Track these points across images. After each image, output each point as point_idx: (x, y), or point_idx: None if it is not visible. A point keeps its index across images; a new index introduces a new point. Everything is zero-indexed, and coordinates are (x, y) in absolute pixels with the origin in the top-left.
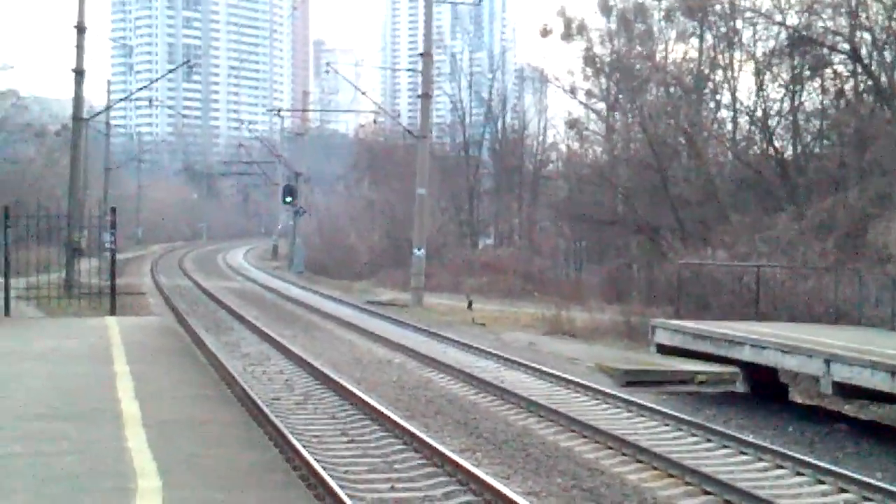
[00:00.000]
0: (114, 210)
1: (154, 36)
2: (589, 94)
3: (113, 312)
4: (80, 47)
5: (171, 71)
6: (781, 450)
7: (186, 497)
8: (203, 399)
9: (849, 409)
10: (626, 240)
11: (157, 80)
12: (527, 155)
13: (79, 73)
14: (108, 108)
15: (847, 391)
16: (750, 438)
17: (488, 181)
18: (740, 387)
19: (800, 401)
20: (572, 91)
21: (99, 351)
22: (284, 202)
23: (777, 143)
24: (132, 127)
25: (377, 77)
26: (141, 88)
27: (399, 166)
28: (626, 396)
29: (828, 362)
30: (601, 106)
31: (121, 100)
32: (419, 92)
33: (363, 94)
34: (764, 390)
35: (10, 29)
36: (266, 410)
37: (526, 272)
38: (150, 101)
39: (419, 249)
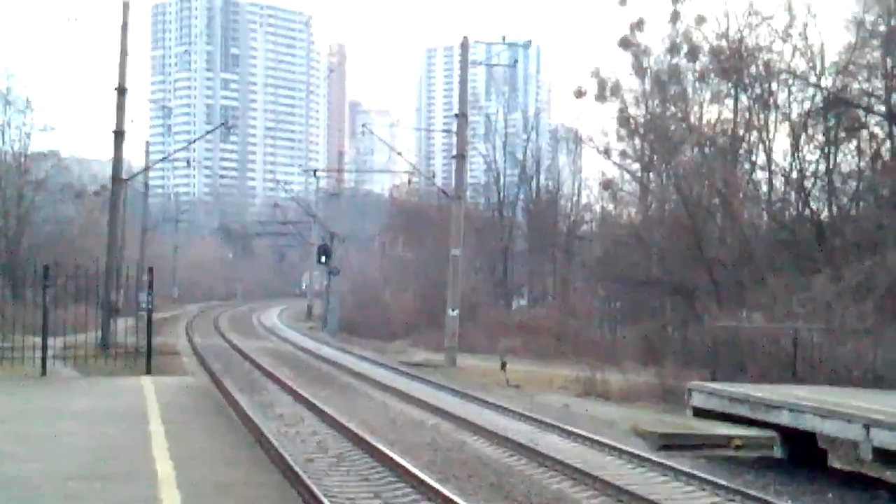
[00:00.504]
0: (151, 270)
1: (193, 97)
2: (623, 154)
3: (149, 372)
4: (120, 109)
5: (209, 132)
6: None
7: None
8: (238, 460)
9: (889, 475)
10: (660, 301)
11: (195, 140)
12: (561, 215)
13: (119, 135)
14: (146, 168)
15: (888, 457)
16: None
17: (522, 241)
18: (778, 451)
19: (839, 466)
20: (606, 152)
21: (134, 411)
22: (319, 262)
23: (813, 205)
24: (170, 187)
25: (412, 138)
26: (179, 149)
27: (433, 226)
28: (662, 460)
29: (867, 427)
30: (635, 167)
31: (159, 160)
32: (454, 153)
33: (398, 154)
34: (802, 455)
35: (51, 91)
36: (300, 472)
37: (560, 333)
38: (188, 161)
39: (453, 310)
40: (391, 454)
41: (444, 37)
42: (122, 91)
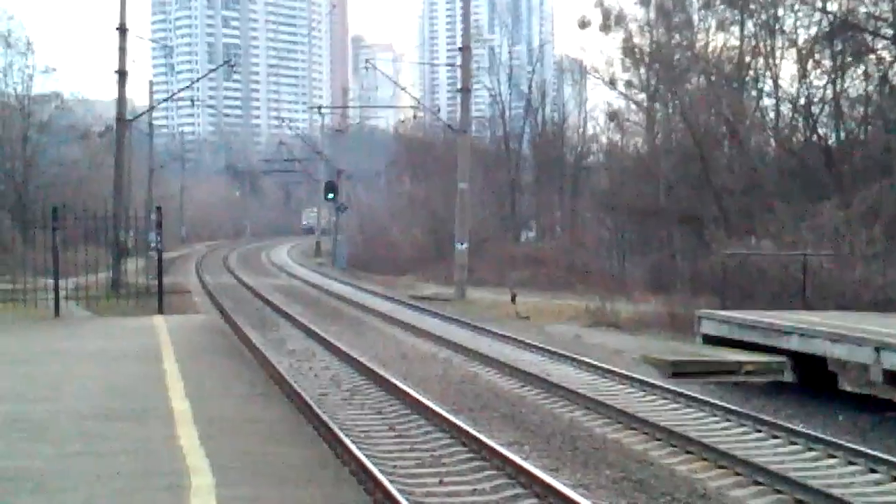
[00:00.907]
0: (159, 209)
1: (194, 36)
2: (629, 84)
3: (160, 311)
4: (122, 49)
5: (211, 71)
6: (832, 439)
7: (241, 494)
8: (252, 396)
9: None
10: (669, 230)
11: (198, 80)
12: (567, 147)
13: (122, 75)
14: (150, 108)
15: None
16: (800, 428)
17: (529, 174)
18: (788, 376)
19: (849, 390)
20: (612, 82)
21: (148, 350)
22: (326, 199)
23: (821, 131)
24: (174, 127)
25: (416, 72)
26: (182, 89)
27: (439, 161)
28: (673, 387)
29: (878, 350)
30: (641, 97)
31: (163, 100)
32: (458, 86)
33: (403, 89)
34: (812, 380)
35: (52, 32)
36: (314, 407)
37: (569, 264)
38: (192, 100)
39: (462, 244)
40: (403, 387)
41: None
42: (123, 30)
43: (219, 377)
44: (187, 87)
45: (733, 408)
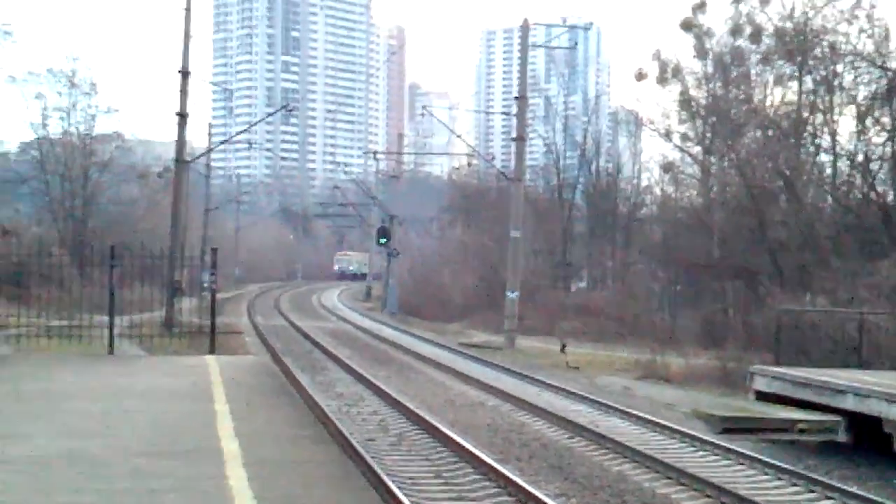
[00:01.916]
0: (214, 251)
1: (254, 80)
2: (684, 137)
3: (212, 351)
4: (183, 91)
5: (270, 115)
6: (886, 502)
7: None
8: (300, 439)
9: None
10: (722, 284)
11: (256, 123)
12: (621, 198)
13: (182, 117)
14: (209, 150)
15: None
16: (854, 490)
17: (582, 224)
18: (842, 436)
19: None
20: (667, 134)
21: (199, 389)
22: (379, 244)
23: (879, 188)
24: (231, 169)
25: (471, 120)
26: (241, 132)
27: (492, 209)
28: (724, 444)
29: None
30: (697, 150)
31: (221, 142)
32: (513, 135)
33: (458, 136)
34: (867, 441)
35: (116, 73)
36: (361, 451)
37: (619, 316)
38: (250, 143)
39: (513, 292)
40: (451, 434)
41: (504, 19)
42: (185, 74)
43: (268, 418)
44: (245, 129)
45: (785, 466)
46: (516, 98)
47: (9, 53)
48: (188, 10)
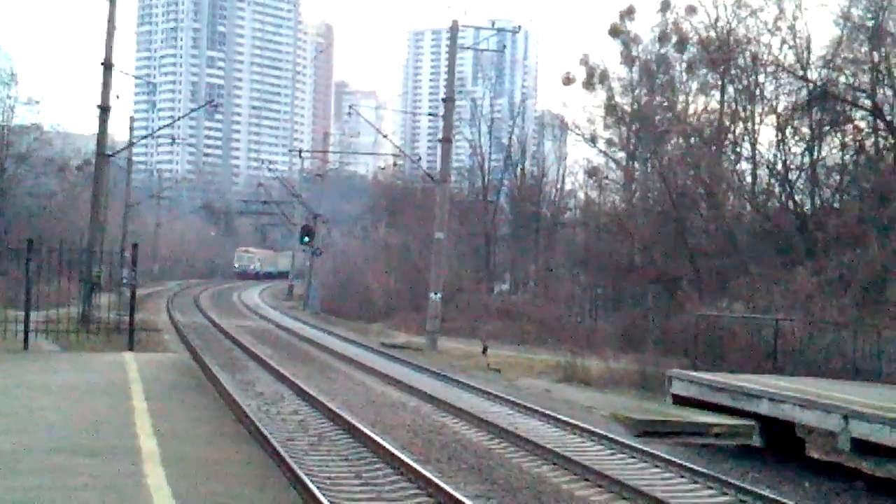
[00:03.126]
0: (135, 247)
1: (178, 74)
2: (609, 142)
3: (131, 348)
4: (106, 84)
5: (194, 110)
6: None
7: None
8: (220, 437)
9: (867, 466)
10: (642, 289)
11: (180, 118)
12: (545, 202)
13: (104, 110)
14: (130, 144)
15: (865, 448)
16: (766, 493)
17: (505, 227)
18: (756, 440)
19: (816, 456)
20: (593, 139)
21: (117, 386)
22: (302, 242)
23: (797, 197)
24: (153, 164)
25: (398, 120)
26: (164, 126)
27: (417, 210)
28: (641, 446)
29: (846, 418)
30: (621, 155)
31: (144, 137)
32: (439, 136)
33: (384, 136)
34: (780, 445)
35: (36, 64)
36: (281, 451)
37: (541, 319)
38: (173, 138)
39: (436, 293)
40: (372, 434)
41: (432, 19)
42: (108, 66)
43: (187, 417)
44: (169, 124)
45: (701, 469)
46: (443, 100)
47: None
48: (113, 0)
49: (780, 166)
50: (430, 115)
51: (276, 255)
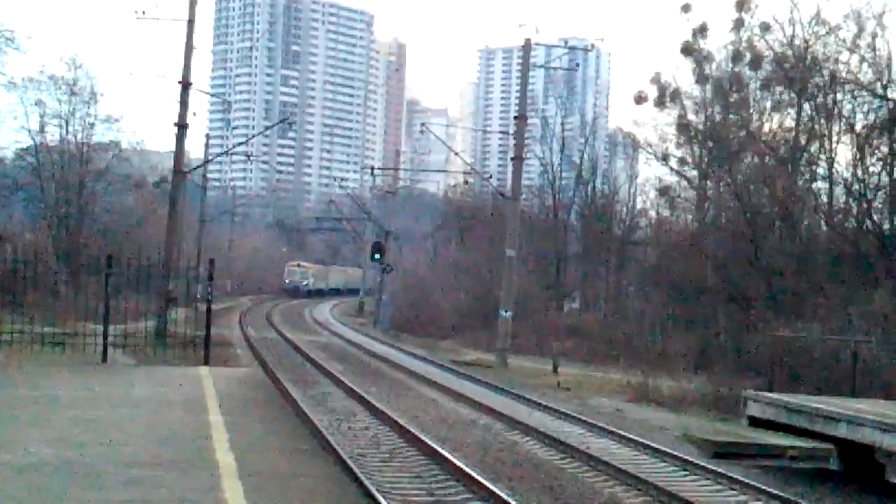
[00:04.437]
0: (212, 262)
1: (252, 93)
2: (681, 161)
3: (206, 362)
4: (183, 103)
5: (268, 128)
6: None
7: None
8: (294, 452)
9: None
10: (714, 309)
11: (254, 136)
12: (616, 220)
13: (181, 128)
14: (206, 161)
15: None
16: None
17: (576, 245)
18: (834, 464)
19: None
20: (664, 158)
21: (194, 400)
22: (372, 259)
23: (875, 217)
24: (226, 180)
25: (469, 138)
26: (238, 144)
27: (487, 227)
28: (715, 468)
29: None
30: (693, 174)
31: (219, 154)
32: (510, 154)
33: (455, 154)
34: (859, 469)
35: (115, 82)
36: (353, 467)
37: (611, 337)
38: (247, 156)
39: (506, 311)
40: (443, 451)
41: (503, 38)
42: (185, 85)
43: (262, 431)
44: (243, 142)
45: (776, 493)
46: (515, 118)
47: (11, 60)
48: (191, 21)
49: (857, 186)
50: (500, 132)
51: (327, 270)
